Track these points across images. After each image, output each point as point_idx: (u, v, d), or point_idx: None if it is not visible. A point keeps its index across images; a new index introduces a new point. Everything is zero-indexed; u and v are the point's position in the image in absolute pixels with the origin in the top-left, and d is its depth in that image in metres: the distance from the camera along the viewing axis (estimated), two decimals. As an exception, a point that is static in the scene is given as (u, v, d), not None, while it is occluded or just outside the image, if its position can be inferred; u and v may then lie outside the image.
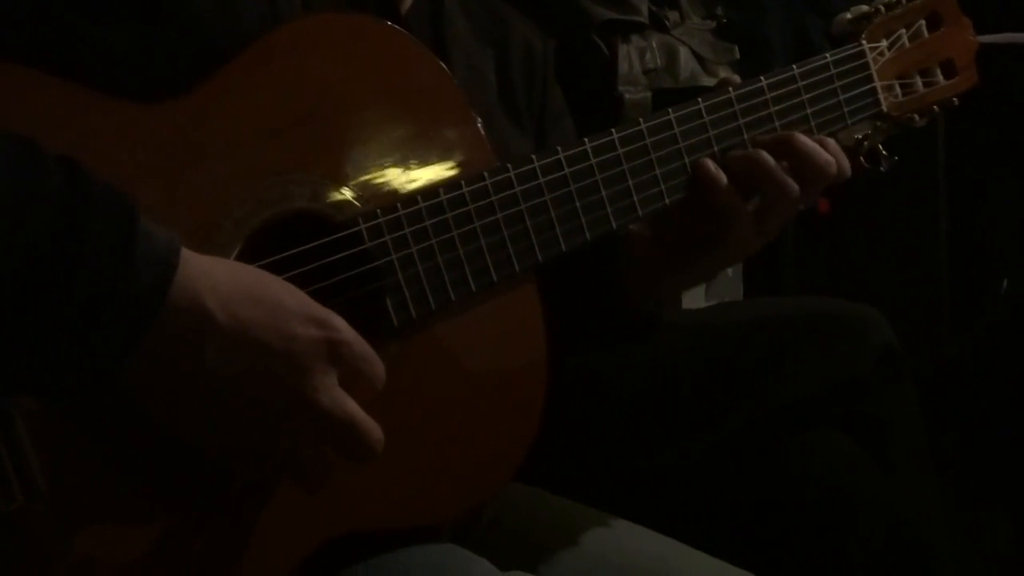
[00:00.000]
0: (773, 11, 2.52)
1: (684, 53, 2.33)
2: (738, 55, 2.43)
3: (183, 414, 0.86)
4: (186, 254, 0.82)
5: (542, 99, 1.67)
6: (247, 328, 0.85)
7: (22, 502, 0.81)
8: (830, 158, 1.22)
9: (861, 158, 1.38)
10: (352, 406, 0.88)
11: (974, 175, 2.58)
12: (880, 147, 1.37)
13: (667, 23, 2.37)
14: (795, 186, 1.19)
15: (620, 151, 1.11)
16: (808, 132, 1.24)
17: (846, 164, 1.25)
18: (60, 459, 0.84)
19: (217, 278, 0.85)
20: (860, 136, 1.37)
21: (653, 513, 1.27)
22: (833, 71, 1.26)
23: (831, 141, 1.25)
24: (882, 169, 1.40)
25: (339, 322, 0.88)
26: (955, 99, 1.36)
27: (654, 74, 2.29)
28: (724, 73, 2.38)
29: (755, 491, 1.52)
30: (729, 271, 2.32)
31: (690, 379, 1.55)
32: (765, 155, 1.21)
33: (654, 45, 2.30)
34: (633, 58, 2.26)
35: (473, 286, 1.01)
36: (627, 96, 2.17)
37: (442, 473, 1.03)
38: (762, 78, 1.23)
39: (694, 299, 2.37)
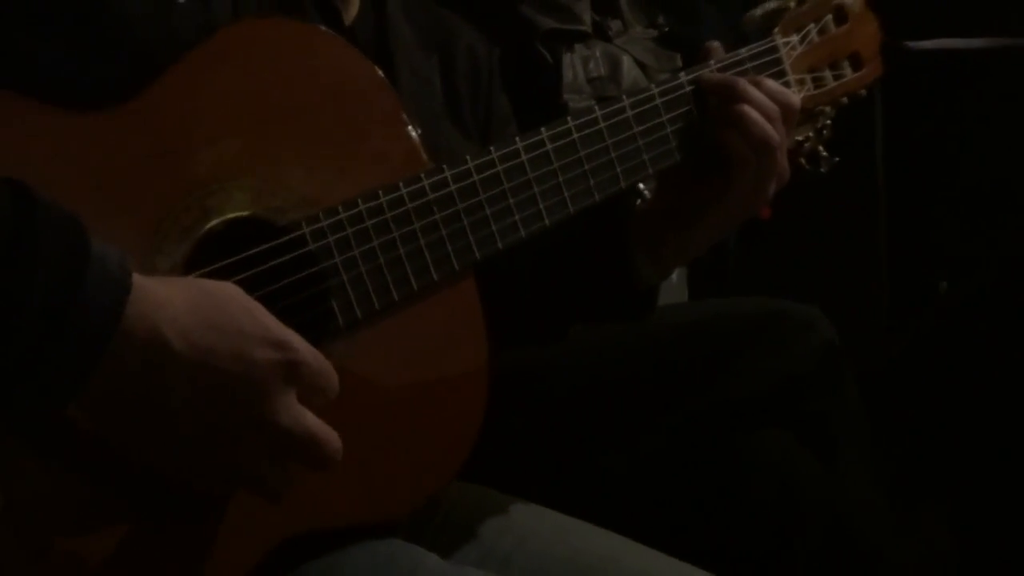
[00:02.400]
0: (711, 20, 2.53)
1: (627, 61, 2.33)
2: (680, 62, 2.41)
3: (143, 438, 0.86)
4: (142, 282, 0.82)
5: (487, 104, 1.67)
6: (206, 356, 0.85)
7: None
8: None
9: (802, 160, 1.40)
10: (312, 421, 0.89)
11: (913, 181, 2.60)
12: (820, 149, 1.40)
13: (610, 32, 2.37)
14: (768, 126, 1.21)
15: (549, 147, 1.12)
16: None
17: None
18: (15, 471, 0.84)
19: (176, 308, 0.84)
20: (801, 139, 1.39)
21: (602, 510, 1.27)
22: (749, 65, 1.27)
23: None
24: (822, 170, 1.43)
25: (297, 341, 0.89)
26: (863, 91, 1.39)
27: (598, 82, 2.29)
28: (671, 77, 2.39)
29: (701, 488, 1.53)
30: (674, 276, 2.31)
31: (638, 379, 1.55)
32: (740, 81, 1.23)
33: (597, 54, 2.30)
34: (577, 67, 2.26)
35: (415, 285, 1.02)
36: (572, 104, 2.16)
37: (391, 470, 1.04)
38: (682, 73, 1.24)
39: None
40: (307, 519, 0.97)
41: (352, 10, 1.57)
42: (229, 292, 0.89)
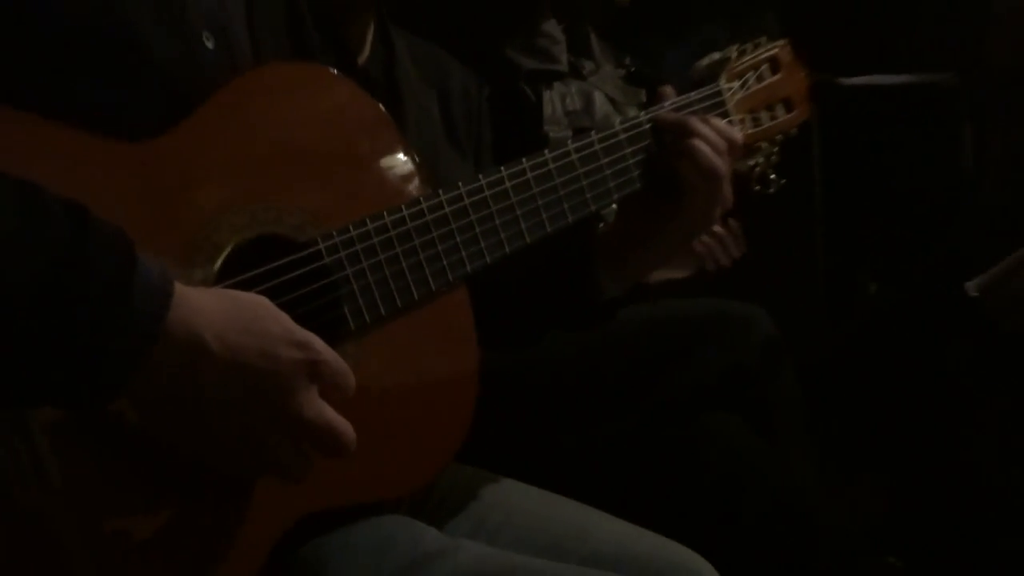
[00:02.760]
0: (670, 61, 2.54)
1: (599, 97, 2.33)
2: (644, 98, 2.41)
3: (180, 427, 0.85)
4: (183, 291, 0.82)
5: (478, 132, 1.71)
6: (238, 355, 0.84)
7: (38, 495, 0.81)
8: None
9: (754, 183, 1.42)
10: (331, 414, 0.88)
11: (846, 198, 2.60)
12: (769, 172, 1.41)
13: (584, 71, 2.37)
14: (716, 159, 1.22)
15: (530, 175, 1.12)
16: None
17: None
18: (72, 458, 0.83)
19: (213, 314, 0.84)
20: (752, 163, 1.39)
21: (577, 486, 1.27)
22: (698, 106, 1.27)
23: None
24: (771, 191, 1.43)
25: (318, 343, 0.88)
26: (794, 129, 1.40)
27: (574, 115, 2.28)
28: (633, 113, 2.39)
29: (662, 464, 1.53)
30: None
31: (607, 371, 1.56)
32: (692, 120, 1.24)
33: (573, 90, 2.30)
34: (556, 102, 2.26)
35: (415, 294, 1.02)
36: (552, 135, 2.16)
37: (396, 455, 1.03)
38: (642, 113, 1.26)
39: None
40: (323, 499, 0.97)
41: (365, 51, 1.60)
42: (257, 300, 0.88)
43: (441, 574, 1.00)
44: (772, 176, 1.43)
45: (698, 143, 1.22)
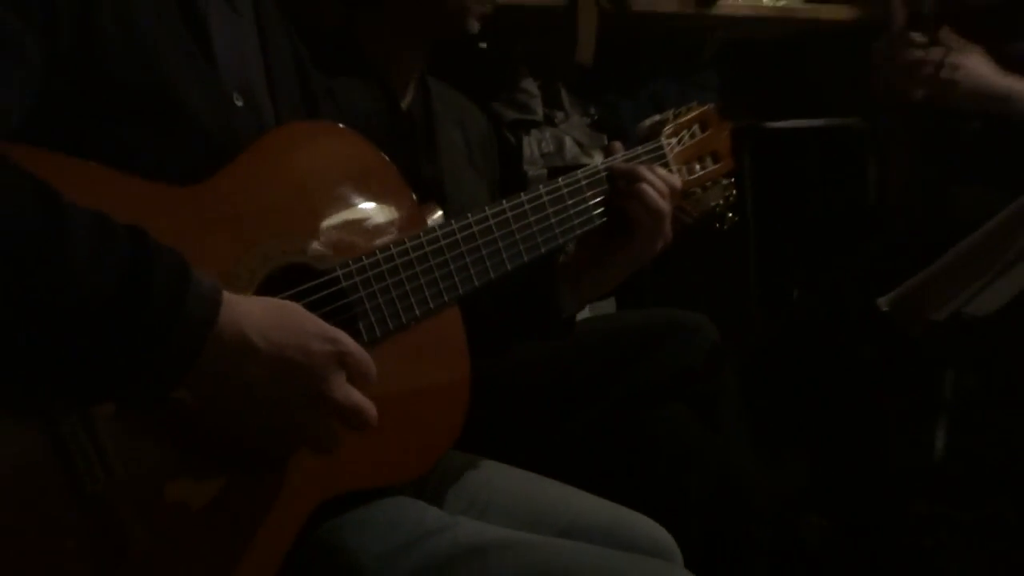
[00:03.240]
0: (627, 111, 2.55)
1: (568, 141, 2.34)
2: (606, 141, 2.38)
3: (232, 413, 0.85)
4: (230, 298, 0.82)
5: (494, 164, 1.75)
6: (279, 349, 0.83)
7: (104, 482, 0.79)
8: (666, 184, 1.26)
9: (715, 220, 1.44)
10: (357, 395, 0.87)
11: (773, 222, 2.60)
12: (728, 212, 1.43)
13: (556, 120, 2.37)
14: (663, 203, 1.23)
15: (510, 214, 1.12)
16: None
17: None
18: (131, 448, 0.82)
19: (257, 316, 0.83)
20: (714, 204, 1.41)
21: (553, 467, 1.27)
22: (644, 158, 1.28)
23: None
24: (726, 228, 1.46)
25: (344, 338, 0.88)
26: (723, 178, 1.41)
27: (548, 156, 2.29)
28: (597, 155, 2.38)
29: (624, 448, 1.52)
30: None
31: (578, 372, 1.55)
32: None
33: (547, 136, 2.30)
34: (533, 145, 2.28)
35: (418, 312, 1.02)
36: (530, 173, 2.19)
37: (405, 445, 1.02)
38: (600, 163, 1.26)
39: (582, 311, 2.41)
40: (345, 484, 0.97)
41: (408, 97, 1.61)
42: (292, 305, 0.88)
43: (443, 546, 0.99)
44: (730, 215, 1.45)
45: (646, 187, 1.23)
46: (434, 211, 1.21)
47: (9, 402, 0.76)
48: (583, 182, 1.22)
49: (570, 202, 1.20)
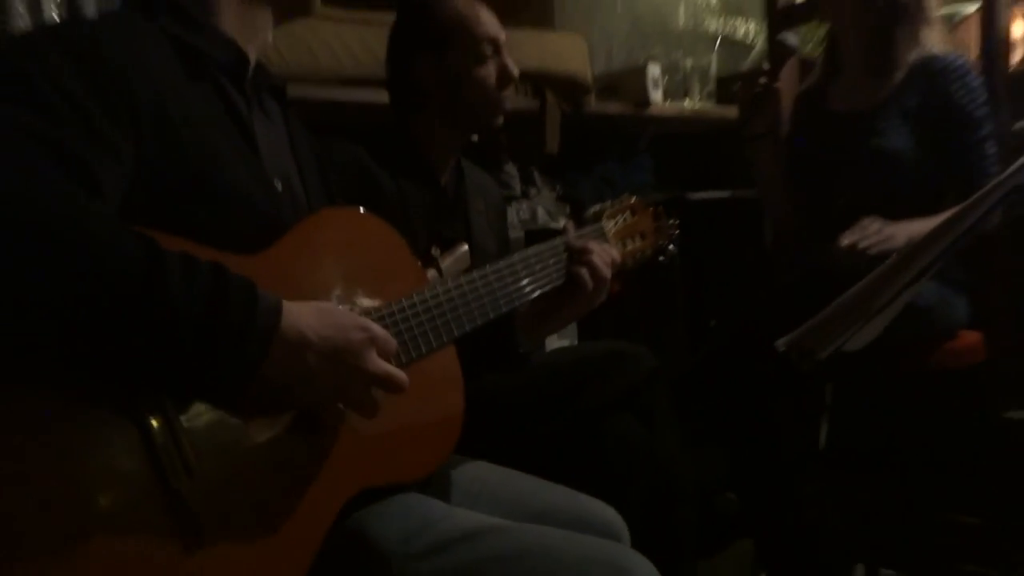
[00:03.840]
0: (584, 187, 2.56)
1: (540, 210, 2.37)
2: (568, 211, 2.46)
3: (296, 392, 0.83)
4: (289, 305, 0.81)
5: (503, 225, 1.74)
6: (327, 340, 0.82)
7: (186, 479, 0.78)
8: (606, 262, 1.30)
9: (658, 255, 1.49)
10: (387, 366, 0.87)
11: (696, 271, 2.61)
12: (669, 246, 1.50)
13: (530, 194, 2.41)
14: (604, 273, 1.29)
15: (492, 277, 1.13)
16: None
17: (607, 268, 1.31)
18: (205, 451, 0.80)
19: (309, 317, 0.82)
20: (661, 243, 1.48)
21: (528, 465, 1.27)
22: (591, 237, 1.34)
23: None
24: (666, 260, 1.52)
25: (373, 325, 0.87)
26: (648, 251, 1.45)
27: (525, 222, 2.32)
28: (564, 221, 2.39)
29: (583, 449, 1.51)
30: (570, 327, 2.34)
31: (547, 390, 1.53)
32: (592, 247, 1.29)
33: (524, 206, 2.35)
34: (513, 214, 2.29)
35: (423, 350, 1.01)
36: (512, 235, 2.18)
37: (421, 449, 1.02)
38: (558, 239, 1.30)
39: (550, 342, 2.36)
40: (372, 479, 0.95)
41: (445, 175, 1.60)
42: (331, 305, 0.89)
43: (445, 529, 0.97)
44: (670, 247, 1.50)
45: (594, 258, 1.28)
46: (437, 264, 1.23)
47: (109, 405, 0.75)
48: (545, 253, 1.24)
49: (537, 267, 1.22)
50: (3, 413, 0.70)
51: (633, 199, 1.45)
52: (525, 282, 1.19)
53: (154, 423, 0.77)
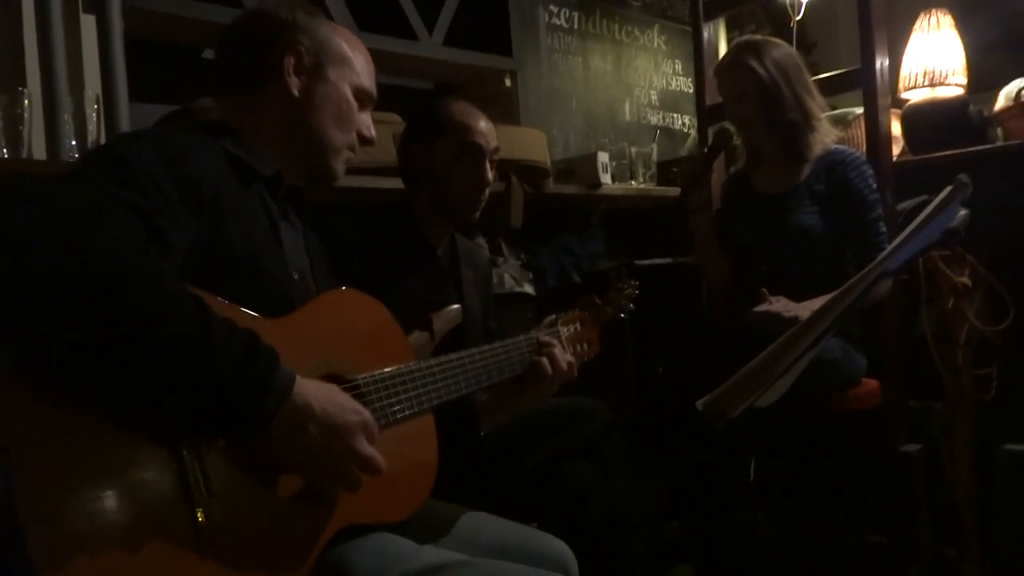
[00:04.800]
0: (544, 256, 2.57)
1: (507, 276, 2.37)
2: (531, 277, 2.46)
3: (295, 455, 0.86)
4: (301, 380, 0.85)
5: (489, 288, 1.74)
6: (327, 416, 0.86)
7: (206, 499, 0.80)
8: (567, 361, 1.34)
9: (620, 313, 1.54)
10: (371, 450, 0.90)
11: (644, 325, 2.59)
12: (630, 305, 1.57)
13: (498, 263, 2.40)
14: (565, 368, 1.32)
15: (466, 360, 1.17)
16: None
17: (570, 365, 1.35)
18: (225, 478, 0.84)
19: (315, 392, 0.86)
20: (623, 303, 1.54)
21: (494, 507, 1.27)
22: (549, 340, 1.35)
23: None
24: (626, 316, 1.57)
25: (366, 412, 0.91)
26: (594, 355, 1.48)
27: (494, 286, 2.17)
28: (528, 286, 2.41)
29: (547, 491, 1.52)
30: None
31: (514, 440, 1.54)
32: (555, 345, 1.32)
33: (493, 274, 2.22)
34: (483, 281, 2.30)
35: (407, 413, 1.05)
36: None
37: (400, 494, 1.04)
38: (522, 337, 1.32)
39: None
40: (358, 518, 0.98)
41: (440, 248, 1.63)
42: (336, 387, 0.91)
43: (415, 565, 0.97)
44: (631, 306, 1.57)
45: (556, 351, 1.32)
46: (430, 325, 1.25)
47: (149, 434, 0.78)
48: (520, 344, 1.28)
49: (503, 357, 1.25)
50: (66, 430, 0.73)
51: (583, 312, 1.48)
52: (493, 369, 1.22)
53: (185, 453, 0.80)
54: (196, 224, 0.91)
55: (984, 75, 3.73)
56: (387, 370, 1.03)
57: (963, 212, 1.15)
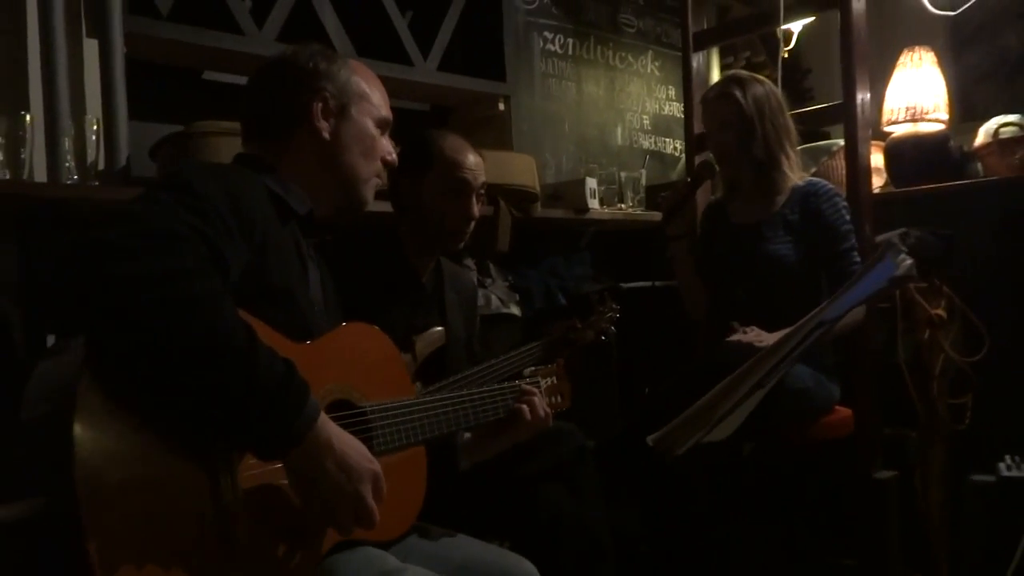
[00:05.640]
0: (532, 278, 2.61)
1: (494, 298, 2.40)
2: (518, 299, 2.49)
3: (309, 487, 0.91)
4: (325, 417, 0.91)
5: (474, 310, 1.78)
6: (345, 456, 0.92)
7: (233, 505, 0.87)
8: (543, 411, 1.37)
9: (603, 336, 1.59)
10: (374, 504, 0.95)
11: (629, 345, 2.65)
12: (611, 328, 1.63)
13: (486, 284, 2.43)
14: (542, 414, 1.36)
15: (465, 399, 1.23)
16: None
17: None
18: (253, 491, 0.90)
19: (338, 435, 0.92)
20: (605, 326, 1.59)
21: (473, 526, 1.31)
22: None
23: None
24: (608, 339, 1.64)
25: (378, 466, 0.96)
26: (565, 408, 1.50)
27: (479, 308, 2.22)
28: (514, 307, 2.44)
29: (520, 512, 1.54)
30: None
31: (492, 459, 1.49)
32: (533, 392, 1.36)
33: (480, 295, 2.29)
34: (472, 301, 2.34)
35: (405, 443, 1.11)
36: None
37: (393, 516, 1.08)
38: (506, 384, 1.36)
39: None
40: (359, 532, 0.99)
41: (426, 274, 1.66)
42: (355, 439, 0.96)
43: None
44: (611, 329, 1.63)
45: (536, 399, 1.36)
46: (413, 347, 1.33)
47: (193, 452, 0.85)
48: (496, 392, 1.32)
49: (489, 402, 1.30)
50: (125, 446, 0.80)
51: (558, 367, 1.52)
52: (479, 411, 1.28)
53: (221, 476, 0.87)
54: (248, 252, 0.99)
55: (976, 105, 3.83)
56: (391, 402, 1.10)
57: (909, 262, 1.18)
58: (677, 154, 3.48)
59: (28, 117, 1.65)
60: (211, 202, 0.95)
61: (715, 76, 3.49)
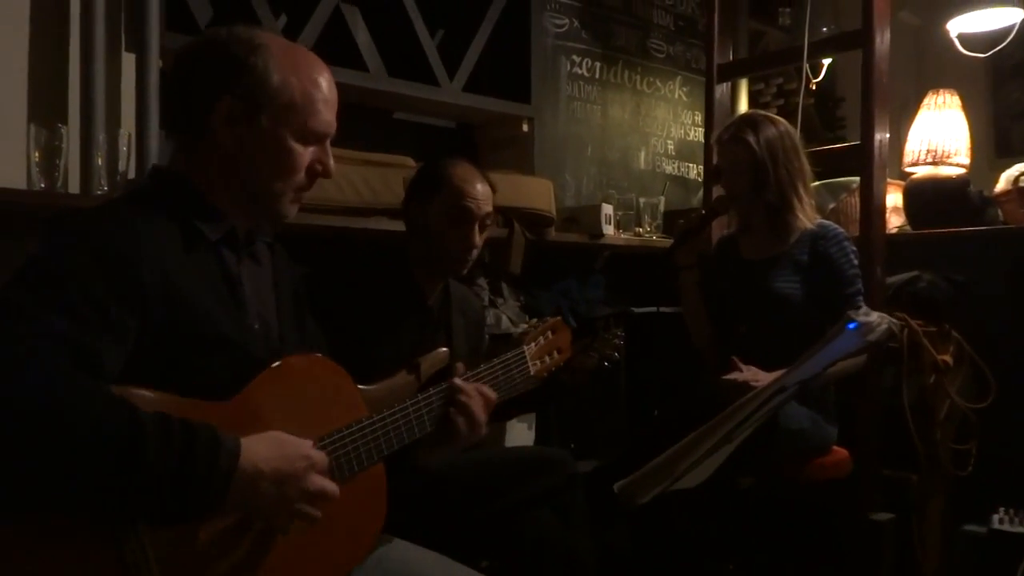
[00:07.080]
0: (544, 299, 2.62)
1: (504, 318, 2.41)
2: (528, 318, 2.48)
3: (257, 510, 0.91)
4: (245, 441, 0.88)
5: (481, 334, 1.78)
6: (277, 471, 0.90)
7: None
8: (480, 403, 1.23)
9: (605, 362, 1.56)
10: (321, 482, 0.94)
11: (638, 366, 2.67)
12: (615, 354, 1.60)
13: (498, 304, 2.45)
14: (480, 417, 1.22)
15: (411, 412, 1.17)
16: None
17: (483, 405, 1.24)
18: (165, 558, 0.87)
19: (262, 450, 0.90)
20: (609, 352, 1.57)
21: (462, 550, 1.29)
22: (513, 361, 1.37)
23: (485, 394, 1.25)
24: (612, 365, 1.60)
25: (316, 454, 0.95)
26: (562, 364, 1.45)
27: (489, 327, 2.22)
28: (523, 325, 2.39)
29: (506, 537, 1.53)
30: (527, 427, 2.35)
31: (480, 483, 1.56)
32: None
33: (491, 314, 2.33)
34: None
35: (364, 465, 1.08)
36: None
37: (353, 540, 1.08)
38: (481, 366, 1.31)
39: (512, 425, 2.39)
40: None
41: (432, 296, 1.65)
42: (280, 434, 0.94)
43: None
44: (616, 355, 1.60)
45: (471, 403, 1.22)
46: (418, 370, 1.23)
47: (91, 528, 0.82)
48: (434, 398, 1.22)
49: (424, 412, 1.20)
50: (14, 533, 0.80)
51: (556, 319, 1.47)
52: (423, 420, 1.20)
53: (126, 545, 0.84)
54: (140, 320, 0.89)
55: (1013, 142, 3.80)
56: (336, 432, 1.04)
57: (884, 327, 1.20)
58: (700, 179, 3.48)
59: (64, 129, 1.73)
60: (78, 283, 0.86)
61: (743, 103, 3.49)
